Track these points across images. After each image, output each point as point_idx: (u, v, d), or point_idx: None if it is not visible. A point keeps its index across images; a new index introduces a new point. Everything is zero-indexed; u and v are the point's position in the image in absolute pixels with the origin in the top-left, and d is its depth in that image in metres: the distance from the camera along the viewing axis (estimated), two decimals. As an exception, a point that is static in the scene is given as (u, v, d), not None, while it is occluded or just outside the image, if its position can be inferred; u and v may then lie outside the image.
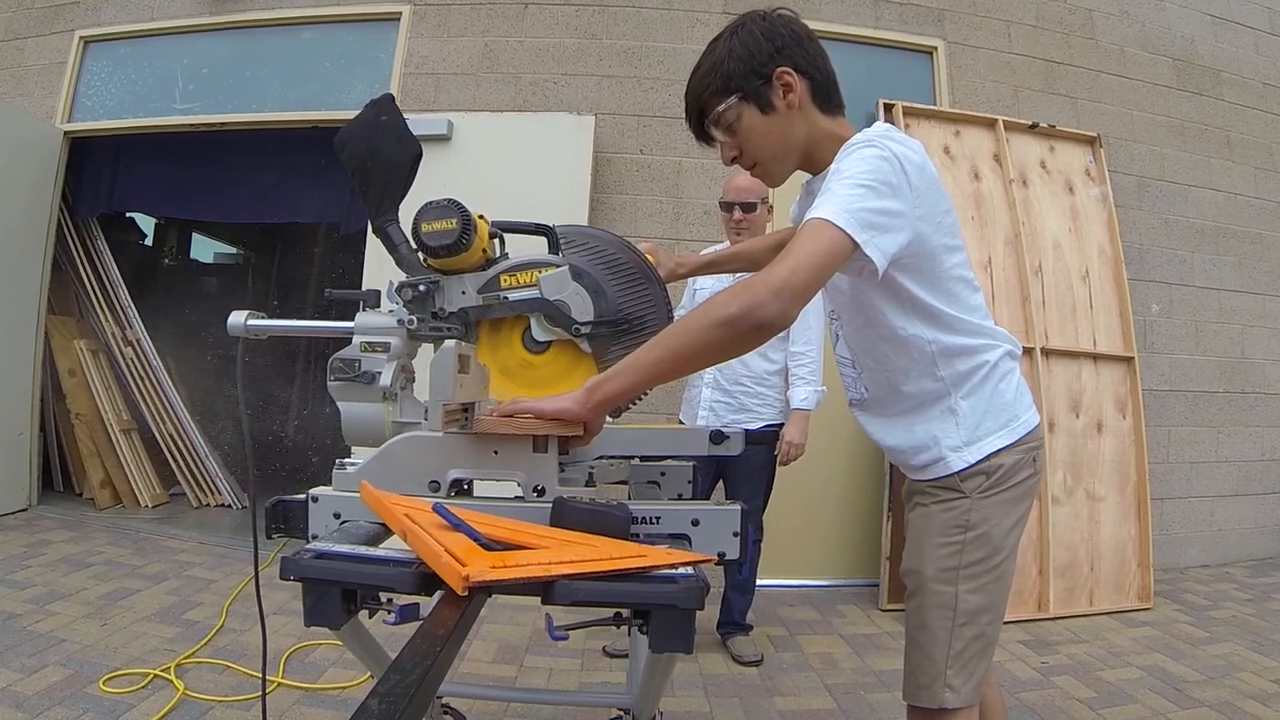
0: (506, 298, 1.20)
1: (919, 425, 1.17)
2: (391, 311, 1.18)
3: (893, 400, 1.19)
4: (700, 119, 1.17)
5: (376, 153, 1.18)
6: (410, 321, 1.17)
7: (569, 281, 1.19)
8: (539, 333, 1.22)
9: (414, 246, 1.17)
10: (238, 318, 1.18)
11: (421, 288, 1.18)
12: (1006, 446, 1.13)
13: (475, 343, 1.23)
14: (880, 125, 1.10)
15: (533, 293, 1.19)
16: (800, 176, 1.24)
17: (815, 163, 1.17)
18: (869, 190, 0.98)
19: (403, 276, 1.20)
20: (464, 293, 1.20)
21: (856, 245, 0.95)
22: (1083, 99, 3.98)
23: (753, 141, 1.14)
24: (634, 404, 1.22)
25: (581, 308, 1.19)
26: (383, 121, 1.18)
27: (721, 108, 1.12)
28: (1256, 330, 4.13)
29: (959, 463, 1.13)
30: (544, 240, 1.25)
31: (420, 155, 1.19)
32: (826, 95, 1.14)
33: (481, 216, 1.19)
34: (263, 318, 1.19)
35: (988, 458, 1.12)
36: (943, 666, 1.11)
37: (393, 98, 1.20)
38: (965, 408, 1.13)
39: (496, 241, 1.25)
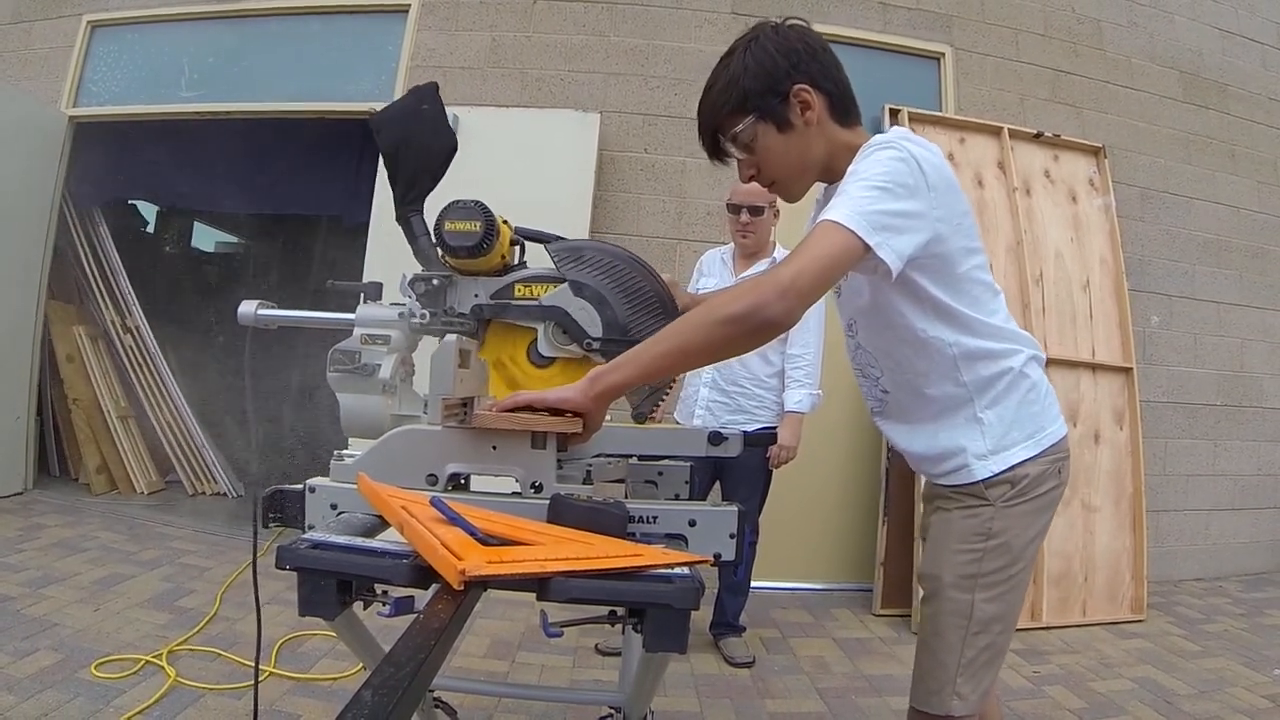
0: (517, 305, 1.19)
1: (944, 433, 1.15)
2: (395, 304, 1.18)
3: (916, 406, 1.18)
4: (715, 138, 1.14)
5: (411, 140, 1.17)
6: (422, 316, 1.16)
7: (572, 298, 1.18)
8: (545, 347, 1.22)
9: (434, 241, 1.16)
10: (248, 307, 1.17)
11: (435, 283, 1.17)
12: (1032, 457, 1.12)
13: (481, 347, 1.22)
14: (896, 128, 1.08)
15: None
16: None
17: (833, 173, 1.14)
18: (883, 192, 0.97)
19: (415, 269, 1.19)
20: (476, 295, 1.19)
21: (869, 248, 0.95)
22: (1088, 109, 3.97)
23: (771, 160, 1.12)
24: (653, 411, 1.22)
25: (588, 322, 1.18)
26: (423, 110, 1.17)
27: (739, 128, 1.10)
28: (1256, 344, 4.12)
29: (984, 471, 1.12)
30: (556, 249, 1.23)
31: (455, 149, 1.18)
32: (844, 108, 1.12)
33: (505, 221, 1.18)
34: (273, 307, 1.18)
35: (1013, 468, 1.11)
36: (953, 674, 1.11)
37: (437, 87, 1.18)
38: (991, 417, 1.12)
39: (517, 249, 1.24)
